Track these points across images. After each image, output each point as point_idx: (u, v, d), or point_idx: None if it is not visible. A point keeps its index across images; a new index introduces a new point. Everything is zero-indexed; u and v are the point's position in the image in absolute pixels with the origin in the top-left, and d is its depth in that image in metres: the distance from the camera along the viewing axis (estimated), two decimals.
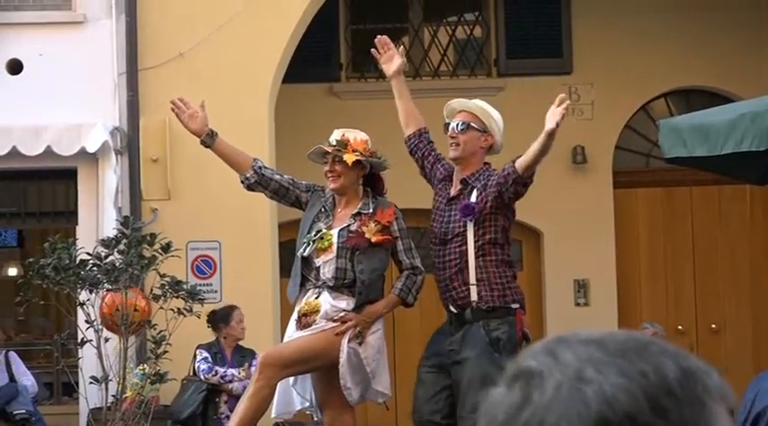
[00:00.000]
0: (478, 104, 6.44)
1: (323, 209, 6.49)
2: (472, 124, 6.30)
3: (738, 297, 13.25)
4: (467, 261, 6.12)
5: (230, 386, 9.47)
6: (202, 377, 9.55)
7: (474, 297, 6.09)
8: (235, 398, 9.39)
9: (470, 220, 6.12)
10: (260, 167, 6.59)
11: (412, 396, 6.49)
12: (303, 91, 12.65)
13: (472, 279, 6.11)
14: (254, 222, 10.67)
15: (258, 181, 6.59)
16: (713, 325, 13.22)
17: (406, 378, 13.00)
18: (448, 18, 13.69)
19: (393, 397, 6.99)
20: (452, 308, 6.22)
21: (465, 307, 6.15)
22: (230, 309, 9.98)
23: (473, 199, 6.18)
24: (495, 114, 6.39)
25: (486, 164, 6.34)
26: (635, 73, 13.04)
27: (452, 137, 6.30)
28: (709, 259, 13.20)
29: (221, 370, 9.49)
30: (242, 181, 6.66)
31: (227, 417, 9.42)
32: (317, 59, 12.87)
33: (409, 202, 13.59)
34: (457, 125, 6.29)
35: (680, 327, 13.11)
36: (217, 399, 9.52)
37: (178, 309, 8.89)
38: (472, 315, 6.12)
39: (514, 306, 6.14)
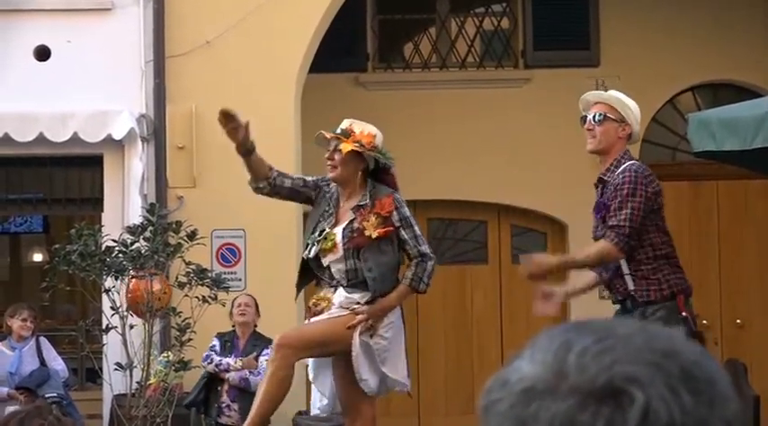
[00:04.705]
0: (614, 95, 6.27)
1: (327, 208, 6.47)
2: (609, 115, 6.13)
3: (764, 292, 13.18)
4: (620, 261, 6.07)
5: (227, 375, 9.44)
6: (201, 365, 9.57)
7: (631, 286, 6.08)
8: (234, 388, 9.39)
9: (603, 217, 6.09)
10: (274, 178, 6.52)
11: (434, 385, 6.50)
12: (329, 81, 12.65)
13: (628, 275, 6.09)
14: (279, 211, 10.67)
15: (270, 192, 6.57)
16: (738, 320, 13.17)
17: (429, 368, 13.02)
18: (475, 9, 13.66)
19: (416, 387, 7.01)
20: (615, 300, 6.22)
21: (626, 298, 6.14)
22: (236, 298, 9.96)
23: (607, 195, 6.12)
24: (632, 103, 6.21)
25: (625, 151, 6.19)
26: (662, 66, 12.98)
27: (589, 130, 6.14)
28: (734, 253, 13.13)
29: (216, 359, 9.46)
30: (252, 187, 6.59)
31: (228, 406, 9.41)
32: (343, 49, 12.86)
33: (434, 193, 13.59)
34: (594, 117, 6.13)
35: (704, 321, 13.05)
36: (219, 387, 9.51)
37: (203, 297, 8.91)
38: (632, 305, 6.12)
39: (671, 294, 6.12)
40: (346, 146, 6.34)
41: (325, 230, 6.38)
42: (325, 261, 6.40)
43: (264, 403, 6.31)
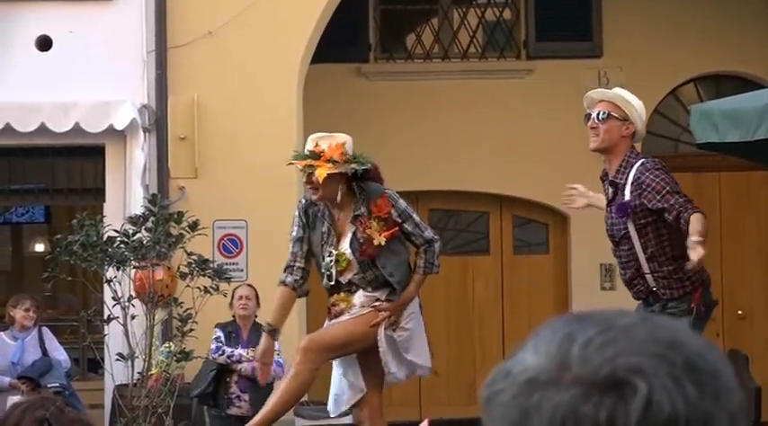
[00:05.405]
0: (618, 93, 6.25)
1: (324, 229, 6.50)
2: (612, 113, 6.12)
3: (765, 282, 13.19)
4: (639, 261, 6.08)
5: (239, 366, 9.43)
6: (210, 357, 9.55)
7: (652, 283, 6.10)
8: (245, 378, 9.39)
9: (629, 220, 6.05)
10: (299, 283, 6.61)
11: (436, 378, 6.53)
12: (331, 71, 12.64)
13: (649, 275, 6.11)
14: (281, 202, 10.67)
15: (305, 286, 6.66)
16: (740, 312, 13.17)
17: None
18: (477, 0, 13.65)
19: (417, 376, 7.11)
20: (637, 298, 6.25)
21: (648, 294, 6.17)
22: (236, 289, 9.93)
23: (627, 196, 6.08)
24: (636, 102, 6.19)
25: (631, 150, 6.20)
26: (664, 57, 12.97)
27: (593, 128, 6.13)
28: (736, 244, 13.13)
29: (228, 350, 9.45)
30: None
31: (238, 397, 9.42)
32: (345, 40, 12.85)
33: (435, 184, 13.58)
34: (598, 115, 6.11)
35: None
36: (228, 378, 9.50)
37: (204, 287, 8.90)
38: (653, 300, 6.15)
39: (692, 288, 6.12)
40: (321, 173, 6.32)
41: (332, 253, 6.45)
42: (343, 280, 6.52)
43: (282, 401, 6.45)
